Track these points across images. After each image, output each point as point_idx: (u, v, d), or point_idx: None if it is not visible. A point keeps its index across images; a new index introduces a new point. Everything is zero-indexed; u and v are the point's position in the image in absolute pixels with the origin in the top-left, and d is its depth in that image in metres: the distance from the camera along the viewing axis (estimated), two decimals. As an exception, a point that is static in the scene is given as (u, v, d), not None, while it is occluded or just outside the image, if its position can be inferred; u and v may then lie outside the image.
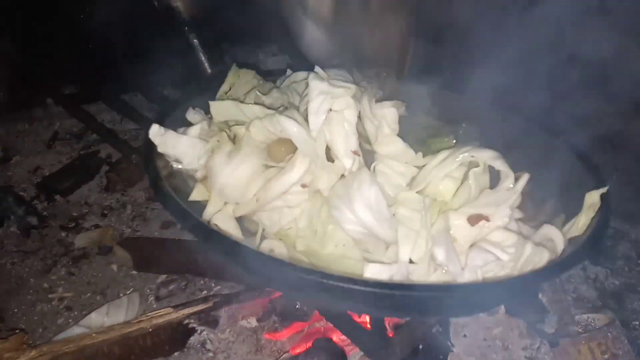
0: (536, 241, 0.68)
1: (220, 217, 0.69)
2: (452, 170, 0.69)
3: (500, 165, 0.69)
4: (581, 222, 0.70)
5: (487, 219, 0.70)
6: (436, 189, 0.70)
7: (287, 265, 0.52)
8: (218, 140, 0.69)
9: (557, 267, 0.63)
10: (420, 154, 0.72)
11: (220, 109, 0.74)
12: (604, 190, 0.70)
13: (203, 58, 0.96)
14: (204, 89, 0.91)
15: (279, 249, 0.66)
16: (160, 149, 0.70)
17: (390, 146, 0.71)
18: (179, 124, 0.78)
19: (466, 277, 0.63)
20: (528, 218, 0.75)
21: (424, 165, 0.71)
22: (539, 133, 0.89)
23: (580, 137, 1.07)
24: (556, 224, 0.71)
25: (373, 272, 0.59)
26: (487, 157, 0.69)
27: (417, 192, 0.68)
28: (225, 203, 0.71)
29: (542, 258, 0.64)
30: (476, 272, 0.64)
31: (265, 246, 0.67)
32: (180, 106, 0.80)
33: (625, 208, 1.27)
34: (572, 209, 0.73)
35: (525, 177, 0.70)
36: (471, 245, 0.67)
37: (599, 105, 1.24)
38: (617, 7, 1.17)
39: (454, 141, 0.83)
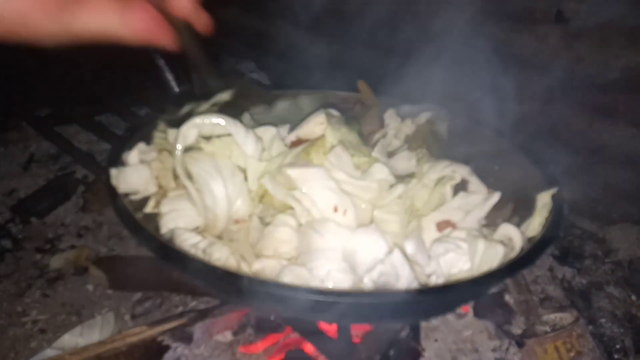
0: (496, 240, 0.70)
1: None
2: (429, 181, 0.74)
3: (474, 180, 0.75)
4: (536, 223, 0.72)
5: (454, 226, 0.73)
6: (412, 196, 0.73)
7: (236, 275, 0.54)
8: (161, 162, 0.71)
9: (511, 266, 0.65)
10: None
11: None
12: (554, 191, 0.72)
13: (169, 77, 0.97)
14: (170, 108, 0.92)
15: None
16: (120, 190, 0.70)
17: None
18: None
19: (432, 265, 0.65)
20: (488, 223, 0.78)
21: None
22: (492, 136, 0.92)
23: (545, 141, 1.10)
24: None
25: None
26: (465, 173, 0.75)
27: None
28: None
29: (497, 253, 0.66)
30: (438, 261, 0.66)
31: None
32: (143, 127, 0.81)
33: (592, 208, 1.30)
34: (529, 211, 0.75)
35: (496, 196, 0.74)
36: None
37: (562, 109, 1.28)
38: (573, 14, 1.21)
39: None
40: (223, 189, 0.67)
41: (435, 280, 0.65)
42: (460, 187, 0.76)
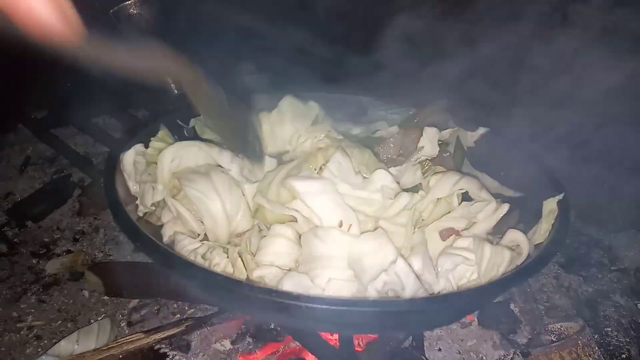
0: (503, 245, 0.69)
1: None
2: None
3: (484, 195, 0.73)
4: (543, 229, 0.71)
5: (457, 233, 0.71)
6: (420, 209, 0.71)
7: (236, 282, 0.52)
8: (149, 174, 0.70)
9: (518, 274, 0.63)
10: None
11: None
12: (560, 197, 0.71)
13: (169, 79, 0.96)
14: (170, 111, 0.91)
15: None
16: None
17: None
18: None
19: (441, 283, 0.64)
20: (494, 231, 0.76)
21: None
22: (501, 144, 0.90)
23: (552, 148, 1.09)
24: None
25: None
26: (474, 188, 0.73)
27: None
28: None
29: (504, 258, 0.64)
30: (448, 278, 0.64)
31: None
32: (140, 130, 0.80)
33: (599, 215, 1.28)
34: (535, 218, 0.74)
35: (504, 207, 0.72)
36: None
37: (568, 114, 1.26)
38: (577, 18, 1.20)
39: None
40: (221, 207, 0.66)
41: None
42: (467, 195, 0.75)
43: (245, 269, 0.61)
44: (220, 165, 0.71)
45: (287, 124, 0.77)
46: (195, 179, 0.66)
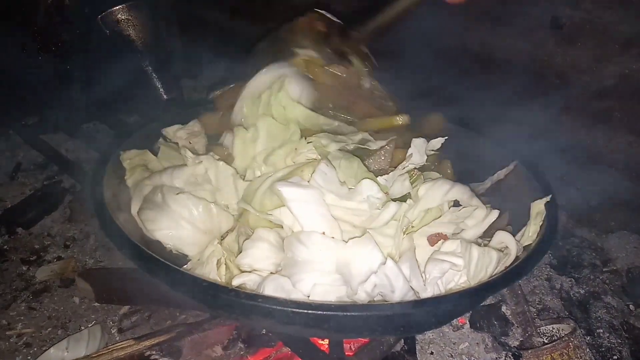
0: (490, 247, 0.69)
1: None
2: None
3: (475, 202, 0.73)
4: (531, 231, 0.71)
5: (445, 238, 0.71)
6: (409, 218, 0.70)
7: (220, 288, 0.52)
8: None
9: (506, 276, 0.63)
10: None
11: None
12: (547, 199, 0.71)
13: (158, 85, 0.96)
14: (159, 116, 0.91)
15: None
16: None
17: None
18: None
19: (429, 291, 0.63)
20: (483, 234, 0.76)
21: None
22: (489, 147, 0.90)
23: (541, 148, 1.09)
24: (507, 233, 0.72)
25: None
26: (465, 197, 0.72)
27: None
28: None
29: (492, 259, 0.64)
30: (436, 284, 0.64)
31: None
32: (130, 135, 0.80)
33: (590, 217, 1.29)
34: (523, 220, 0.74)
35: (494, 214, 0.72)
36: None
37: (558, 116, 1.27)
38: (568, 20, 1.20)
39: None
40: (193, 230, 0.66)
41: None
42: (456, 200, 0.74)
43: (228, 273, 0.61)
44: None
45: (260, 143, 0.76)
46: (154, 217, 0.67)
